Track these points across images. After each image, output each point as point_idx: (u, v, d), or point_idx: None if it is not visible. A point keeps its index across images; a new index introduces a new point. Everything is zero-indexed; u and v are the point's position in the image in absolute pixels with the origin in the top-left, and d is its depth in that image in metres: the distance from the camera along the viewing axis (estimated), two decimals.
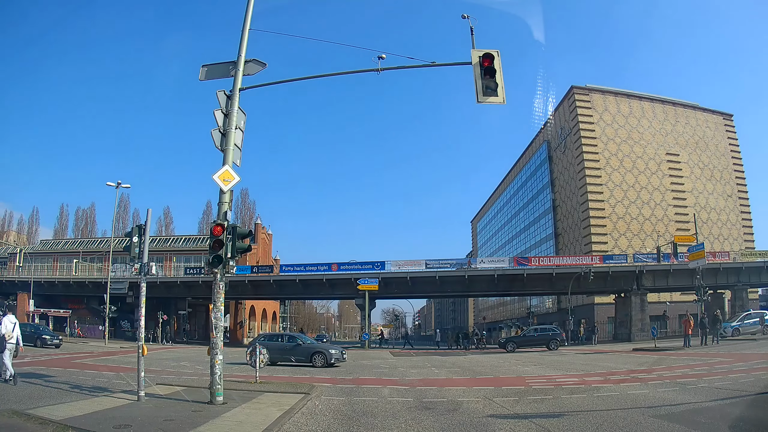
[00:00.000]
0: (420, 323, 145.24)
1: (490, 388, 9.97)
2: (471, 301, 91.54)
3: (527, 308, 64.35)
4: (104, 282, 33.31)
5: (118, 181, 30.05)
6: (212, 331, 7.87)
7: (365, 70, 9.26)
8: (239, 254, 8.10)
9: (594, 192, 52.06)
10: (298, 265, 41.04)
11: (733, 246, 50.61)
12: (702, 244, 30.58)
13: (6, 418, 6.26)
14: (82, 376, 11.34)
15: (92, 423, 6.02)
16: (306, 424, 6.32)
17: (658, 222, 52.41)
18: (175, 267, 48.51)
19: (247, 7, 8.94)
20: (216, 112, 8.23)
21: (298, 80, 10.05)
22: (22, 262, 45.13)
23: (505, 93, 8.51)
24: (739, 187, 57.64)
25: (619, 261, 39.01)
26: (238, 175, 8.10)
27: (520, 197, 72.56)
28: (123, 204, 62.98)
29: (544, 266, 39.55)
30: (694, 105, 59.29)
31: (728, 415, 6.21)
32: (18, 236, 69.72)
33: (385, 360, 21.13)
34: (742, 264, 36.73)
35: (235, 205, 28.05)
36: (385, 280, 38.06)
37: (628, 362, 16.50)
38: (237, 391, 8.78)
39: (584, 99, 55.28)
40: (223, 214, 7.95)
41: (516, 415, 6.78)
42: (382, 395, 9.22)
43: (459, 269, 39.35)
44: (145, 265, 8.66)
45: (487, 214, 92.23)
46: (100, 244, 54.28)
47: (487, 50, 8.50)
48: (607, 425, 5.94)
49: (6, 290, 45.13)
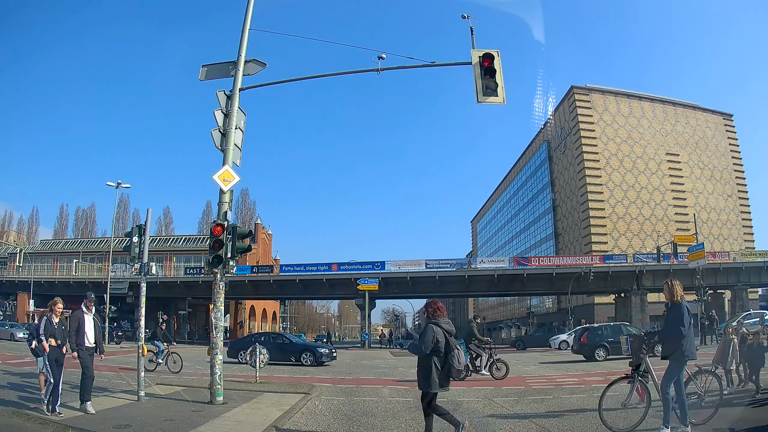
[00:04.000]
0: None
1: (490, 388, 9.97)
2: (471, 301, 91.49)
3: (527, 308, 64.37)
4: (104, 282, 33.28)
5: (118, 181, 30.07)
6: (212, 331, 7.88)
7: (365, 70, 9.27)
8: (239, 254, 8.09)
9: (594, 192, 52.08)
10: (298, 265, 41.06)
11: (733, 246, 50.62)
12: (702, 244, 30.61)
13: (6, 418, 6.26)
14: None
15: (92, 423, 6.03)
16: (306, 424, 6.32)
17: (658, 222, 52.44)
18: (175, 267, 48.52)
19: (247, 7, 8.94)
20: (216, 112, 8.23)
21: (298, 80, 10.05)
22: (22, 262, 45.14)
23: (505, 93, 8.52)
24: (739, 187, 57.68)
25: (619, 261, 39.03)
26: (238, 175, 8.10)
27: (520, 197, 72.59)
28: (123, 204, 63.05)
29: (544, 266, 39.57)
30: (694, 105, 59.33)
31: (728, 415, 6.22)
32: (18, 236, 69.73)
33: (385, 360, 21.13)
34: (742, 264, 36.75)
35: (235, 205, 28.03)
36: (385, 280, 38.08)
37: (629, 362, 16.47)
38: (237, 391, 8.78)
39: (584, 99, 55.31)
40: (223, 214, 7.95)
41: (516, 415, 6.79)
42: (382, 395, 9.22)
43: (459, 269, 39.38)
44: (145, 265, 8.66)
45: (487, 214, 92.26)
46: (100, 244, 54.29)
47: (487, 50, 8.50)
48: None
49: (6, 290, 45.13)
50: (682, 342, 5.13)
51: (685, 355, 5.14)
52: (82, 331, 6.82)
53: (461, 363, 4.96)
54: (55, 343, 6.61)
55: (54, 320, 6.71)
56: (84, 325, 6.87)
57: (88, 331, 6.92)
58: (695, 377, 5.93)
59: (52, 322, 6.69)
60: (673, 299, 5.32)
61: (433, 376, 4.81)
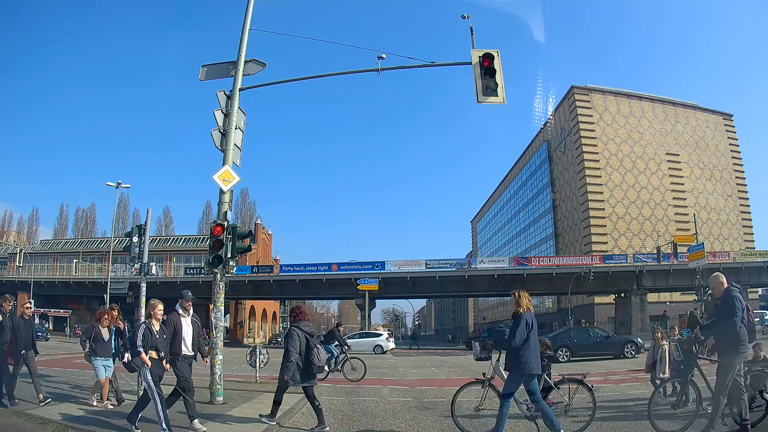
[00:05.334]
0: (420, 323, 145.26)
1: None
2: (471, 301, 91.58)
3: None
4: (104, 282, 33.29)
5: (118, 181, 30.07)
6: (212, 331, 7.88)
7: (365, 70, 9.26)
8: (239, 254, 8.10)
9: (594, 192, 52.09)
10: (298, 265, 41.08)
11: (733, 246, 50.64)
12: (702, 244, 30.59)
13: (6, 418, 6.27)
14: (82, 376, 11.29)
15: (92, 423, 6.02)
16: (306, 424, 6.32)
17: (658, 222, 52.45)
18: (175, 267, 48.52)
19: (247, 7, 8.94)
20: (216, 112, 8.22)
21: (298, 80, 10.04)
22: (22, 262, 45.11)
23: (505, 93, 8.53)
24: (739, 187, 57.70)
25: (619, 261, 39.04)
26: (238, 175, 8.10)
27: (520, 197, 72.58)
28: (123, 204, 63.02)
29: (544, 266, 39.58)
30: (694, 105, 59.34)
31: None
32: (18, 236, 69.72)
33: (385, 360, 21.14)
34: (742, 264, 36.75)
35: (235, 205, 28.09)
36: (385, 280, 38.07)
37: (629, 362, 16.52)
38: (237, 391, 8.79)
39: (584, 99, 55.33)
40: (223, 214, 7.95)
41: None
42: (382, 395, 9.22)
43: (459, 269, 39.39)
44: (145, 265, 8.67)
45: (487, 214, 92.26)
46: (100, 244, 54.30)
47: (487, 50, 8.50)
48: (607, 425, 5.94)
49: (6, 290, 45.03)
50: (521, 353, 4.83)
51: (526, 366, 4.84)
52: (179, 337, 5.83)
53: (321, 360, 5.87)
54: (157, 356, 5.54)
55: (154, 328, 5.59)
56: (182, 329, 5.86)
57: (186, 336, 5.90)
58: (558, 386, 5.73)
59: (152, 330, 5.56)
60: (517, 311, 5.03)
61: (294, 371, 5.66)
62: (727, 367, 4.77)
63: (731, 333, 4.72)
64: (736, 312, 4.71)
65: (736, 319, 4.70)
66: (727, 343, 4.83)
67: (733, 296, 4.83)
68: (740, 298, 4.87)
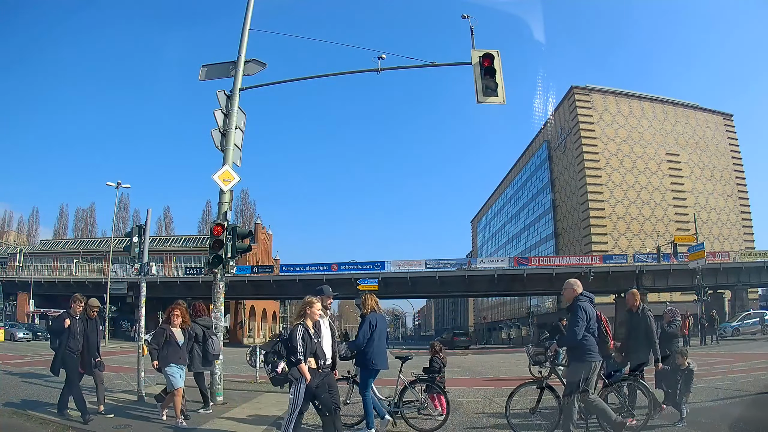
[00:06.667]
0: (420, 323, 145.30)
1: (491, 388, 9.96)
2: (471, 301, 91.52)
3: (527, 308, 64.28)
4: (104, 282, 33.31)
5: (118, 181, 30.12)
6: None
7: (365, 70, 9.27)
8: (239, 254, 8.10)
9: (594, 192, 52.07)
10: (298, 265, 41.07)
11: (733, 246, 50.63)
12: (702, 244, 30.62)
13: (6, 418, 6.26)
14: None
15: (92, 423, 6.02)
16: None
17: (658, 222, 52.43)
18: (175, 267, 48.49)
19: (247, 7, 8.94)
20: (216, 112, 8.22)
21: (298, 80, 10.04)
22: (22, 262, 45.16)
23: (505, 93, 8.54)
24: (739, 187, 57.68)
25: (619, 261, 39.05)
26: (238, 175, 8.10)
27: (520, 197, 72.57)
28: (123, 204, 63.07)
29: (544, 266, 39.58)
30: (694, 105, 59.32)
31: (728, 414, 6.22)
32: (18, 236, 69.74)
33: None
34: (742, 264, 36.77)
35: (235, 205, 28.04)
36: (385, 280, 38.05)
37: None
38: (237, 391, 8.78)
39: (584, 99, 55.31)
40: (223, 214, 7.95)
41: (516, 415, 6.77)
42: (382, 395, 9.20)
43: (459, 269, 39.40)
44: (145, 265, 8.66)
45: (487, 214, 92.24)
46: (100, 244, 54.26)
47: (487, 50, 8.51)
48: None
49: (6, 290, 45.07)
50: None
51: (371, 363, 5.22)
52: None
53: (215, 349, 6.94)
54: (316, 365, 4.53)
55: (310, 328, 4.56)
56: (320, 333, 4.84)
57: (326, 343, 4.86)
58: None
59: (310, 331, 4.53)
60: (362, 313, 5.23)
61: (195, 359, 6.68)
62: (572, 375, 4.91)
63: (575, 343, 4.89)
64: (578, 322, 4.85)
65: (576, 329, 4.83)
66: (572, 351, 5.04)
67: (578, 306, 4.96)
68: (587, 308, 4.97)
